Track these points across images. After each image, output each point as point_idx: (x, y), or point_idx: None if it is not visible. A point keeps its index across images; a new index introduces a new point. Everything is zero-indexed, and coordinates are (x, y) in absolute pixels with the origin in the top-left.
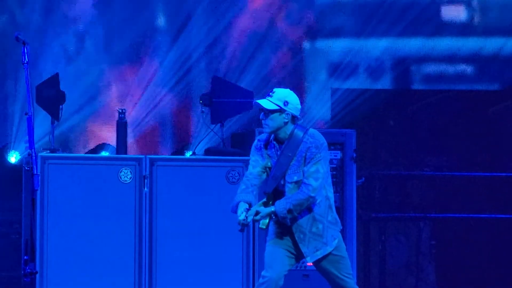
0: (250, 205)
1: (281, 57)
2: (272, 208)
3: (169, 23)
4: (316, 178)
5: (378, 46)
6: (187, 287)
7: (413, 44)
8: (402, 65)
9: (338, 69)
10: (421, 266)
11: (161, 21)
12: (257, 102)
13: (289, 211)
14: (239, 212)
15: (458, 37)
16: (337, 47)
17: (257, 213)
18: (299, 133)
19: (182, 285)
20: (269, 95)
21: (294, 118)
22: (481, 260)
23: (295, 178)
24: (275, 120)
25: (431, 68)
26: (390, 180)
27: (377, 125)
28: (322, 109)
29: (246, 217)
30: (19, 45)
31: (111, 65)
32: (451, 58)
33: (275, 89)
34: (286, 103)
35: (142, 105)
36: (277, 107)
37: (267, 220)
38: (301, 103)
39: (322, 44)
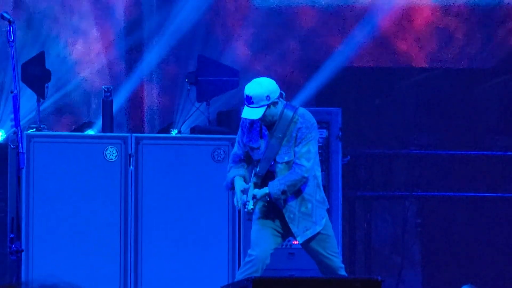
0: (245, 179)
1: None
2: (266, 190)
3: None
4: (308, 158)
5: None
6: (173, 264)
7: None
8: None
9: None
10: (406, 245)
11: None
12: (248, 119)
13: (283, 192)
14: (238, 195)
15: None
16: None
17: (253, 196)
18: (288, 113)
19: (168, 262)
20: (250, 103)
21: (281, 95)
22: (466, 239)
23: (286, 159)
24: (269, 115)
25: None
26: (376, 158)
27: (363, 103)
28: None
29: (254, 205)
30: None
31: (97, 42)
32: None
33: (249, 94)
34: (268, 97)
35: (128, 83)
36: (265, 107)
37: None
38: None
39: None
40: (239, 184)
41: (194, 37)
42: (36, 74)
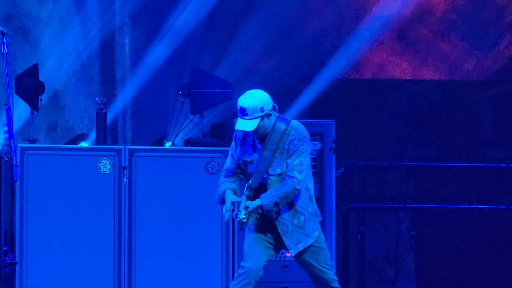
0: (235, 192)
1: None
2: (258, 202)
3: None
4: (300, 170)
5: None
6: (167, 277)
7: None
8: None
9: None
10: (400, 257)
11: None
12: (243, 131)
13: (276, 204)
14: (228, 205)
15: None
16: None
17: (245, 208)
18: (281, 125)
19: (162, 275)
20: (244, 115)
21: (273, 108)
22: (460, 251)
23: (278, 171)
24: (262, 127)
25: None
26: (369, 170)
27: (357, 115)
28: None
29: (246, 215)
30: None
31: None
32: None
33: (243, 106)
34: (262, 109)
35: (122, 95)
36: (259, 119)
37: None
38: None
39: None
40: (230, 197)
41: (188, 49)
42: (29, 86)
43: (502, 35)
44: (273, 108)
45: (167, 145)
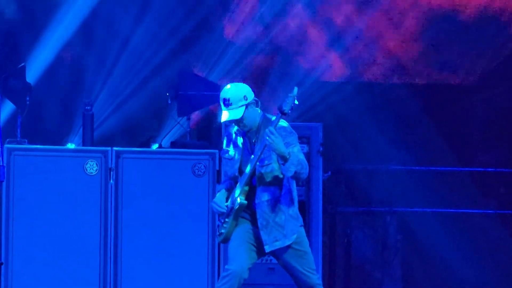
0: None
1: None
2: (289, 149)
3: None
4: (302, 154)
5: None
6: (153, 279)
7: None
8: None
9: None
10: (387, 260)
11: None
12: (227, 120)
13: (299, 162)
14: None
15: None
16: None
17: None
18: (268, 119)
19: (148, 276)
20: (228, 105)
21: (256, 102)
22: (446, 255)
23: (266, 162)
24: (248, 117)
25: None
26: (357, 174)
27: (344, 119)
28: None
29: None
30: None
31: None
32: None
33: (226, 96)
34: (245, 97)
35: (109, 96)
36: (244, 107)
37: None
38: None
39: None
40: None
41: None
42: (16, 87)
43: (493, 40)
44: (256, 103)
45: (154, 147)
